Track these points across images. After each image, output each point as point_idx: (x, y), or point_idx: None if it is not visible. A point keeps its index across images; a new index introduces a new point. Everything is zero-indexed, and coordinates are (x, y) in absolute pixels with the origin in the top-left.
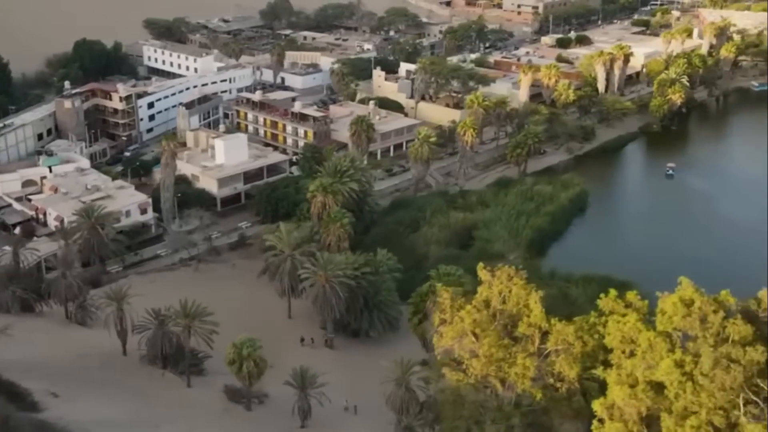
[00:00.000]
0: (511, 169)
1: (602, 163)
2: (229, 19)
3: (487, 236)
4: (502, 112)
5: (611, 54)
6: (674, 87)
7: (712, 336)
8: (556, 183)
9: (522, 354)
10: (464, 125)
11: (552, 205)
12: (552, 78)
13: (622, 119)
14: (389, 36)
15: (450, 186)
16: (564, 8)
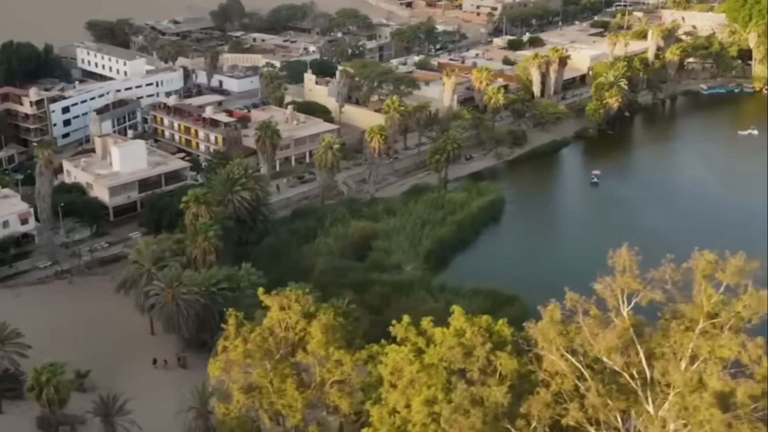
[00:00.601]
0: (432, 175)
1: (531, 169)
2: (179, 21)
3: (386, 247)
4: (422, 116)
5: (546, 57)
6: (611, 91)
7: (477, 370)
8: (472, 190)
9: (292, 385)
10: (371, 131)
11: (461, 213)
12: (483, 81)
13: (557, 123)
14: (335, 38)
15: (363, 194)
16: (523, 9)
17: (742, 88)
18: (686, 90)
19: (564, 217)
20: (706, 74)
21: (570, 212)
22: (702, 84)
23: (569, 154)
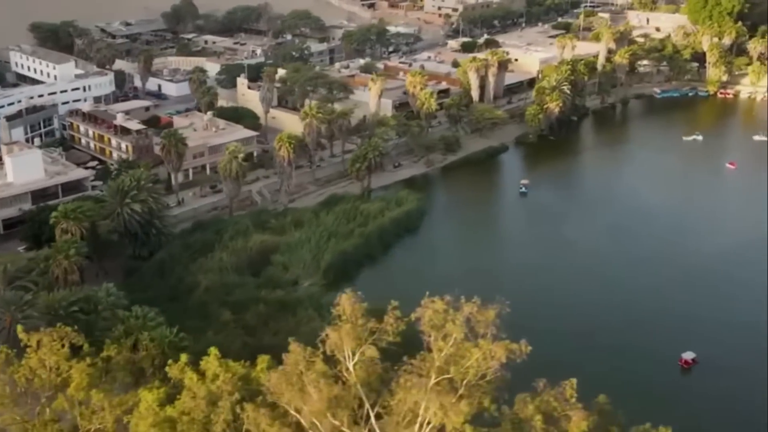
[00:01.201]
0: (355, 184)
1: (461, 176)
2: (131, 23)
3: (285, 261)
4: (344, 123)
5: (485, 60)
6: (552, 95)
7: (223, 423)
8: (391, 200)
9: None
10: (280, 139)
11: (372, 225)
12: (417, 86)
13: (494, 129)
14: (284, 40)
15: (278, 204)
16: (485, 10)
17: (697, 92)
18: (639, 93)
19: (484, 229)
20: (661, 77)
21: (491, 224)
22: (655, 87)
23: (504, 161)
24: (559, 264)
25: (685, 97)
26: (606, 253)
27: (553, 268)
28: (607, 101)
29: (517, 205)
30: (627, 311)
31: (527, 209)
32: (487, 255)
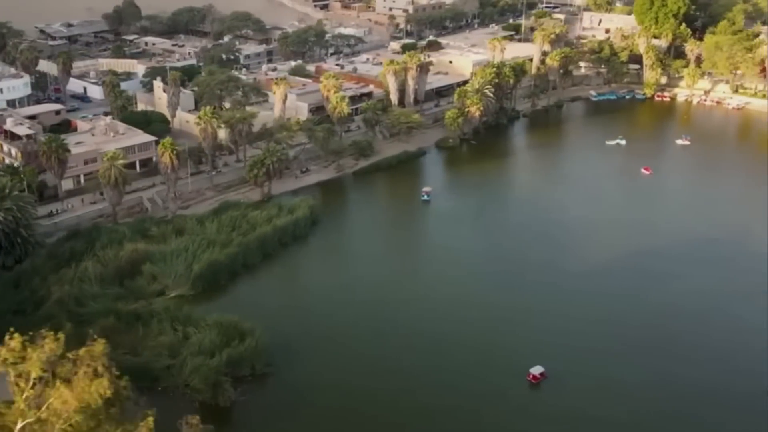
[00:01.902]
0: (256, 190)
1: (371, 182)
2: (73, 24)
3: (156, 271)
4: (243, 128)
5: (403, 63)
6: (473, 98)
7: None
8: (283, 207)
9: None
10: (162, 145)
11: (253, 233)
12: (330, 89)
13: (412, 133)
14: (220, 42)
15: (174, 211)
16: (436, 12)
17: (634, 95)
18: (576, 96)
19: (372, 238)
20: (600, 80)
21: (382, 232)
22: (592, 90)
23: (418, 167)
24: (428, 274)
25: (621, 100)
26: (482, 262)
27: (423, 278)
28: (537, 104)
29: (416, 212)
30: (484, 324)
31: (425, 217)
32: (364, 265)
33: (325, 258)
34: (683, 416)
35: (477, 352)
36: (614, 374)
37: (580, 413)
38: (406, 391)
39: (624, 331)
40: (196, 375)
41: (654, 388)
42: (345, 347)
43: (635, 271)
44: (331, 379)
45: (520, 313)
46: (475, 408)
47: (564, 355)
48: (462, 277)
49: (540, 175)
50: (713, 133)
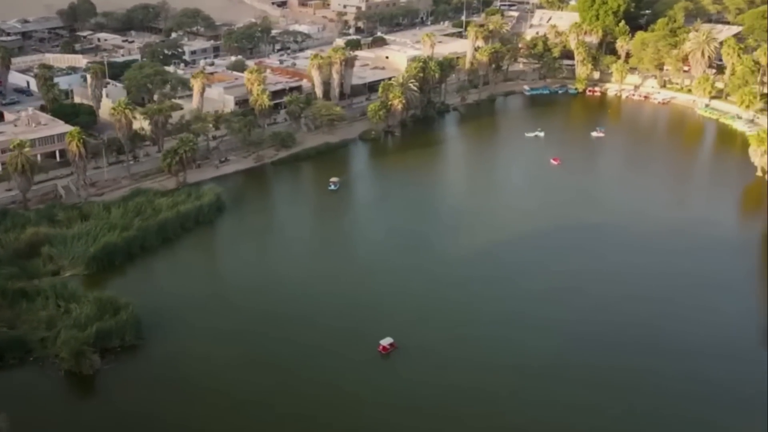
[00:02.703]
0: (172, 179)
1: (288, 172)
2: (29, 20)
3: (54, 252)
4: (159, 119)
5: (328, 58)
6: (395, 92)
7: None
8: (191, 194)
9: None
10: (71, 135)
11: (155, 218)
12: (254, 83)
13: (336, 125)
14: (168, 38)
15: (86, 198)
16: (389, 9)
17: (567, 90)
18: (510, 91)
19: (275, 223)
20: (536, 75)
21: (286, 218)
22: (525, 85)
23: (336, 157)
24: (311, 256)
25: (554, 95)
26: (365, 245)
27: (304, 260)
28: (467, 98)
29: (320, 200)
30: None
31: (327, 204)
32: (257, 249)
33: (222, 242)
34: (519, 385)
35: (338, 328)
36: (458, 346)
37: (423, 380)
38: (268, 364)
39: (478, 310)
40: (64, 346)
41: (495, 360)
42: (216, 324)
43: (508, 255)
44: (198, 352)
45: (386, 291)
46: (330, 375)
47: (415, 329)
48: (340, 259)
49: (451, 166)
50: (630, 126)
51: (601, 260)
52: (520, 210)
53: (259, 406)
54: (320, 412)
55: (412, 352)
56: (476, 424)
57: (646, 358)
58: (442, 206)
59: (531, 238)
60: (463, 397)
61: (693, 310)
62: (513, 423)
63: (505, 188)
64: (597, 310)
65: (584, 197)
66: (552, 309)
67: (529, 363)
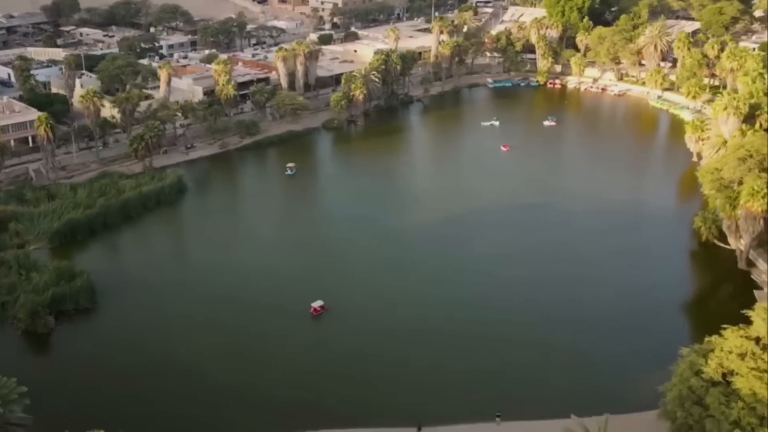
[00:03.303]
0: (139, 163)
1: (250, 158)
2: (14, 15)
3: (20, 228)
4: (128, 107)
5: (292, 50)
6: (356, 83)
7: None
8: (155, 177)
9: None
10: (39, 120)
11: (118, 198)
12: (221, 74)
13: (299, 114)
14: (146, 33)
15: (55, 180)
16: (361, 5)
17: (529, 82)
18: (474, 83)
19: (232, 203)
20: (500, 68)
21: (243, 198)
22: (489, 78)
23: (300, 144)
24: (260, 232)
25: (517, 87)
26: (313, 221)
27: (254, 235)
28: (430, 90)
29: (276, 183)
30: (287, 269)
31: (281, 187)
32: (211, 226)
33: (180, 220)
34: (439, 345)
35: (275, 293)
36: (382, 307)
37: (349, 338)
38: (211, 326)
39: (406, 278)
40: (22, 308)
41: (413, 322)
42: (167, 291)
43: (445, 230)
44: (146, 315)
45: (324, 262)
46: (265, 332)
47: (344, 292)
48: (286, 234)
49: (407, 152)
50: (583, 116)
51: (531, 234)
52: (463, 191)
53: (200, 360)
54: (254, 365)
55: (340, 312)
56: (388, 369)
57: (562, 309)
58: (392, 188)
59: (466, 215)
60: (377, 347)
61: (613, 277)
62: (418, 368)
63: (454, 172)
64: (521, 276)
65: (525, 180)
66: (477, 275)
67: (448, 322)
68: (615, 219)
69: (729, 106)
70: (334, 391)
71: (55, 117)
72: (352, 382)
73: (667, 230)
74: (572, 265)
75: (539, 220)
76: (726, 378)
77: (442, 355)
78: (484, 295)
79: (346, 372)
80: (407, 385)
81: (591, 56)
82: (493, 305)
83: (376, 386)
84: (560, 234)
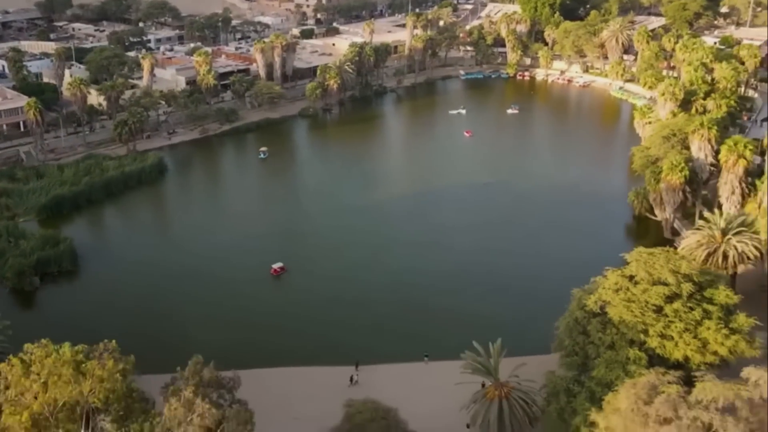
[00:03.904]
0: (123, 147)
1: (228, 142)
2: (9, 11)
3: (11, 203)
4: (113, 94)
5: (271, 43)
6: (331, 73)
7: None
8: (136, 159)
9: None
10: (28, 104)
11: (102, 177)
12: (202, 65)
13: (276, 103)
14: (137, 27)
15: (44, 161)
16: (344, 2)
17: (500, 74)
18: (447, 75)
19: (207, 182)
20: (473, 61)
21: (217, 179)
22: (461, 70)
23: (276, 130)
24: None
25: (488, 79)
26: (281, 196)
27: (225, 209)
28: (403, 81)
29: (249, 165)
30: (252, 236)
31: (253, 169)
32: (187, 201)
33: (159, 197)
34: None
35: (241, 257)
36: (339, 271)
37: (302, 294)
38: (184, 284)
39: (357, 244)
40: (10, 269)
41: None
42: (143, 257)
43: (398, 204)
44: (123, 277)
45: (286, 231)
46: (231, 290)
47: (303, 257)
48: (253, 207)
49: (376, 138)
50: (546, 105)
51: (480, 209)
52: (424, 172)
53: (170, 313)
54: (221, 317)
55: (297, 273)
56: (333, 318)
57: (495, 274)
58: (359, 170)
59: (424, 193)
60: (326, 300)
61: (549, 246)
62: (360, 317)
63: (418, 156)
64: (465, 244)
65: (482, 162)
66: (422, 246)
67: (391, 281)
68: (563, 196)
69: (666, 92)
70: (286, 334)
71: (46, 104)
72: (303, 327)
73: (609, 205)
74: (514, 238)
75: (490, 198)
76: (603, 309)
77: (381, 308)
78: (426, 260)
79: (296, 319)
80: (348, 331)
81: (557, 49)
82: (432, 269)
83: (322, 331)
84: (507, 210)
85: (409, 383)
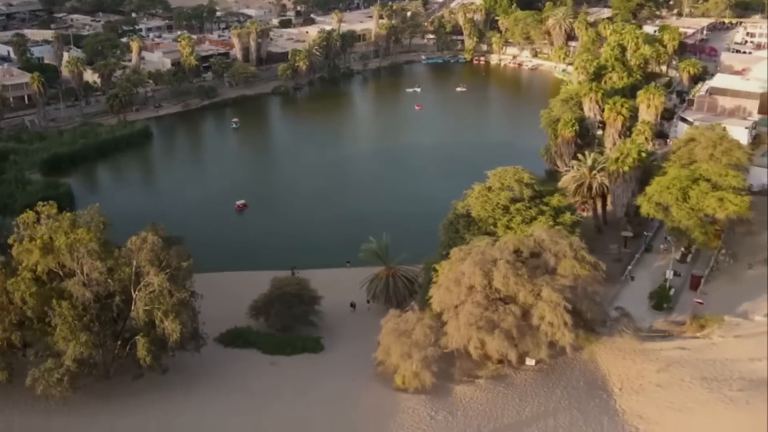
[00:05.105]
0: (115, 118)
1: (207, 115)
2: (12, 3)
3: (18, 159)
4: (105, 72)
5: (248, 29)
6: (301, 56)
7: None
8: (126, 126)
9: None
10: (32, 78)
11: (96, 140)
12: (185, 48)
13: (253, 82)
14: (130, 17)
15: (46, 128)
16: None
17: (458, 59)
18: (410, 60)
19: (183, 146)
20: (435, 47)
21: (192, 144)
22: (423, 55)
23: (249, 105)
24: (202, 163)
25: (447, 63)
26: (245, 159)
27: (202, 168)
28: (369, 65)
29: (221, 134)
30: (220, 184)
31: (223, 136)
32: (165, 161)
33: (144, 158)
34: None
35: (212, 197)
36: (287, 207)
37: (261, 222)
38: (160, 217)
39: (307, 187)
40: (18, 204)
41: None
42: (128, 199)
43: (344, 163)
44: (112, 213)
45: (249, 179)
46: (203, 222)
47: (262, 198)
48: (224, 165)
49: (338, 111)
50: (493, 84)
51: (411, 167)
52: (372, 138)
53: None
54: (190, 238)
55: (257, 209)
56: (278, 237)
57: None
58: (318, 136)
59: (373, 152)
60: (274, 227)
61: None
62: (298, 236)
63: (372, 125)
64: (389, 188)
65: (426, 130)
66: (354, 190)
67: (325, 214)
68: (488, 153)
69: (579, 67)
70: (240, 248)
71: (47, 82)
72: (255, 245)
73: (526, 160)
74: (439, 182)
75: (427, 156)
76: (468, 212)
77: (315, 229)
78: (365, 197)
79: (250, 239)
80: (289, 247)
81: (507, 36)
82: (371, 203)
83: (268, 246)
84: (440, 163)
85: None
